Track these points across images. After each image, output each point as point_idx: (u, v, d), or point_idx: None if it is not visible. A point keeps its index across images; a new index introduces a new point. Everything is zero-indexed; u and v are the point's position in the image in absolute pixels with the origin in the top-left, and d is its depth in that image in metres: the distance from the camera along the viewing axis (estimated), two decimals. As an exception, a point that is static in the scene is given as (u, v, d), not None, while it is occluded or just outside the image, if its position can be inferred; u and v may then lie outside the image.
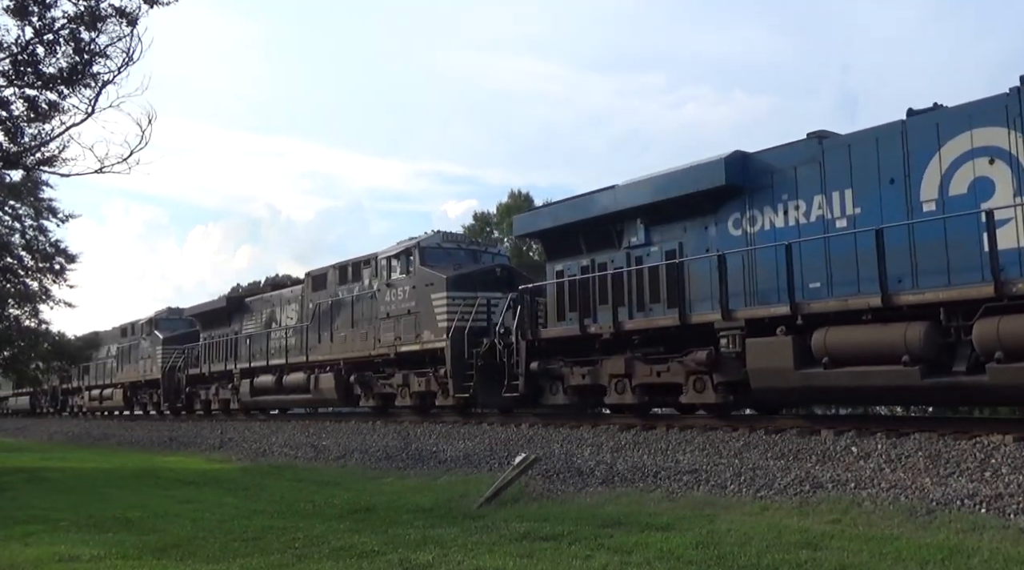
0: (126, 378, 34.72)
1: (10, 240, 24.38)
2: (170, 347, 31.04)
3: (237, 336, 26.60)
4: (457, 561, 7.23)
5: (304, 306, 23.21)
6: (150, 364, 32.41)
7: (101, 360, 37.48)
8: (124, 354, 35.46)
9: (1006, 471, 8.66)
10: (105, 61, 12.42)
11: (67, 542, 8.71)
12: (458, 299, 17.30)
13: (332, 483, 13.92)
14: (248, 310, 26.90)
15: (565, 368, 14.80)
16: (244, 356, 25.75)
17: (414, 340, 18.30)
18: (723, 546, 7.47)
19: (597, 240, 15.00)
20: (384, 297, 19.40)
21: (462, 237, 21.15)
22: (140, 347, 33.78)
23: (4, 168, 16.78)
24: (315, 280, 22.79)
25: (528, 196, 48.79)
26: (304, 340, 22.50)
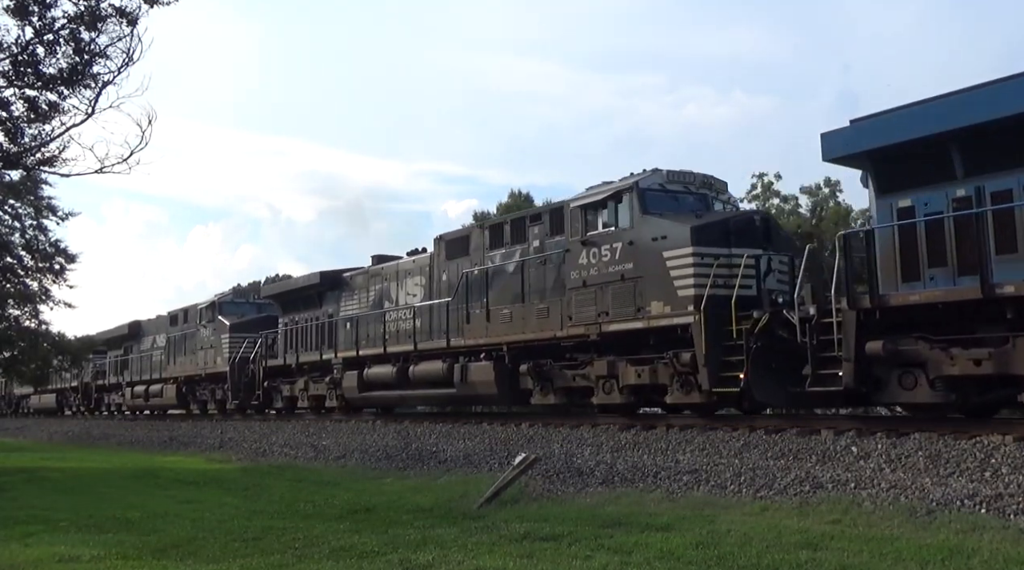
0: (180, 372, 30.26)
1: (10, 240, 24.38)
2: (239, 335, 26.61)
3: (334, 319, 21.80)
4: (457, 561, 7.23)
5: (435, 278, 18.58)
6: (213, 355, 27.94)
7: (145, 352, 33.64)
8: (176, 345, 30.99)
9: (1006, 471, 8.66)
10: (105, 61, 12.44)
11: (67, 542, 8.72)
12: (709, 257, 12.69)
13: (332, 483, 13.93)
14: (347, 287, 21.87)
15: (934, 351, 10.19)
16: (346, 342, 21.00)
17: (634, 315, 13.52)
18: (723, 546, 7.47)
19: (990, 156, 10.09)
20: (578, 259, 14.57)
21: (691, 176, 14.67)
22: (198, 336, 29.21)
23: (4, 168, 16.79)
24: (450, 245, 18.20)
25: (528, 196, 48.79)
26: (442, 320, 17.75)
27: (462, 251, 17.79)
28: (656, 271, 13.22)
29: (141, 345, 34.31)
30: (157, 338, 33.00)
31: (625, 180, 14.24)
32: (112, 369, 36.78)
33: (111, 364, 36.93)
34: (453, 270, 17.84)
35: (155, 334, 33.25)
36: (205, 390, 29.03)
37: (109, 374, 37.05)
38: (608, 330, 14.01)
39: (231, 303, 28.85)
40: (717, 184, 14.90)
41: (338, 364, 21.12)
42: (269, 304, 27.28)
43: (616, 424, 14.06)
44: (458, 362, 17.10)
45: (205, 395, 29.14)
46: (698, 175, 14.67)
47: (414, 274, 19.56)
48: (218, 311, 28.26)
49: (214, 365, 27.83)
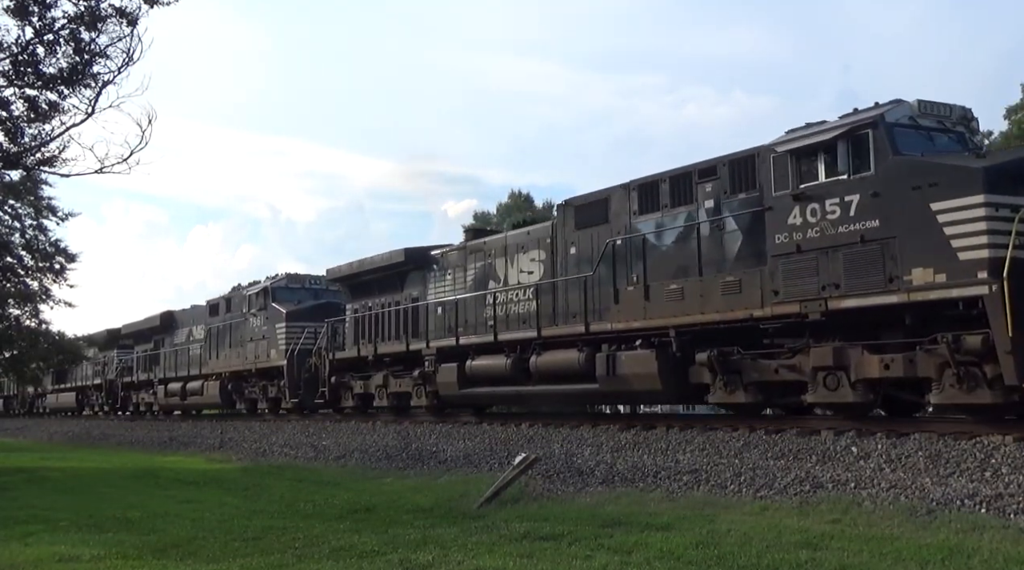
0: (224, 367, 26.93)
1: (10, 240, 24.40)
2: (297, 324, 23.40)
3: (421, 303, 18.94)
4: (457, 561, 7.23)
5: (559, 252, 15.49)
6: (265, 348, 24.56)
7: (180, 346, 30.49)
8: (218, 337, 27.55)
9: (1006, 471, 8.67)
10: (105, 61, 12.47)
11: (67, 542, 8.72)
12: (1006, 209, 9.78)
13: (332, 483, 13.93)
14: (437, 267, 18.98)
15: None
16: (439, 330, 18.07)
17: (883, 286, 10.48)
18: (723, 546, 7.47)
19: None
20: (787, 218, 11.52)
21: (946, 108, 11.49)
22: (247, 326, 25.76)
23: (4, 168, 16.80)
24: (582, 211, 15.07)
25: (528, 196, 48.85)
26: (575, 301, 14.77)
27: (598, 217, 14.58)
28: (921, 229, 10.10)
29: (175, 338, 30.93)
30: (194, 330, 29.65)
31: (859, 114, 11.21)
32: (140, 365, 33.67)
33: (139, 360, 33.75)
34: (585, 241, 14.84)
35: (191, 326, 29.97)
36: (255, 387, 25.66)
37: (137, 370, 33.88)
38: (840, 307, 10.81)
39: (285, 288, 25.02)
40: (975, 121, 11.98)
41: (430, 355, 17.74)
42: (328, 289, 24.51)
43: (616, 424, 14.06)
44: (600, 351, 13.87)
45: (255, 393, 25.74)
46: (956, 108, 11.70)
47: (528, 248, 16.31)
48: (271, 297, 24.67)
49: (266, 359, 24.36)
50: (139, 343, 34.18)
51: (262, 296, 25.26)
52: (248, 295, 25.98)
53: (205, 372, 28.09)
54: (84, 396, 39.67)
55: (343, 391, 21.30)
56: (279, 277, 25.63)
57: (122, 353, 35.45)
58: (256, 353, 25.10)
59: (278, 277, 25.65)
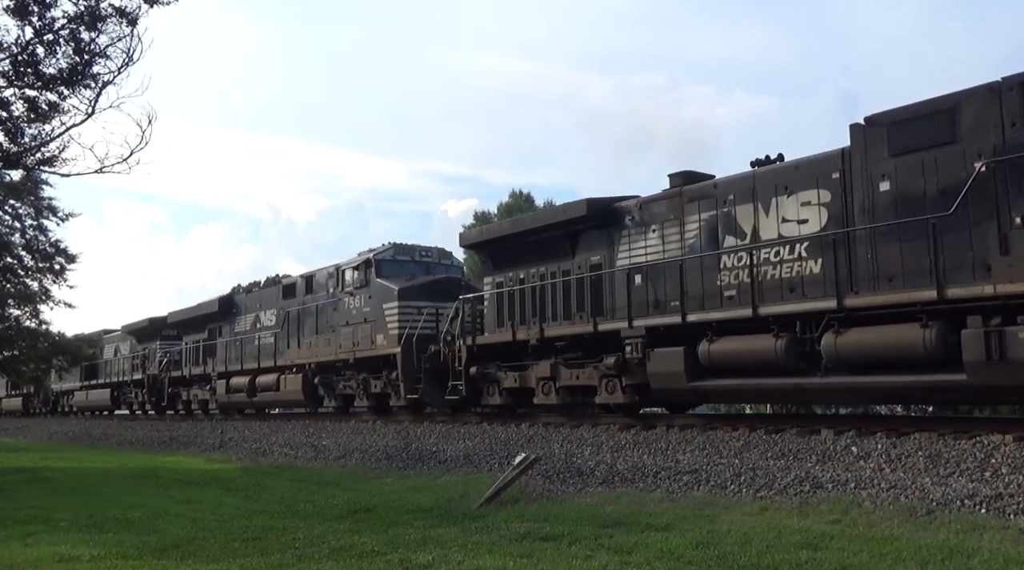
0: (308, 357, 22.39)
1: (10, 240, 24.41)
2: (412, 304, 19.14)
3: (607, 272, 14.79)
4: (457, 561, 7.23)
5: (858, 189, 11.42)
6: (368, 332, 20.02)
7: (244, 334, 25.90)
8: (298, 322, 23.20)
9: (1006, 471, 8.67)
10: (105, 61, 12.45)
11: (67, 542, 8.71)
12: None
13: (332, 483, 13.93)
14: (630, 222, 14.59)
15: None
16: (640, 305, 13.99)
17: None
18: (723, 546, 7.48)
19: None
20: None
21: None
22: (341, 308, 21.22)
23: (4, 168, 16.83)
24: (901, 130, 10.98)
25: (529, 196, 48.79)
26: (934, 250, 10.31)
27: (940, 136, 10.55)
28: None
29: (235, 325, 26.58)
30: (262, 315, 25.23)
31: None
32: (192, 357, 29.35)
33: (190, 351, 29.62)
34: (912, 171, 10.83)
35: (259, 311, 25.54)
36: (351, 381, 21.23)
37: (187, 363, 29.62)
38: None
39: (392, 261, 20.54)
40: None
41: (635, 338, 13.60)
42: (440, 263, 21.06)
43: (616, 424, 14.07)
44: (966, 327, 9.78)
45: (350, 387, 21.27)
46: None
47: (798, 188, 12.18)
48: (375, 272, 20.22)
49: (370, 346, 19.91)
50: (189, 332, 29.97)
51: (362, 271, 20.60)
52: (341, 270, 21.48)
53: (282, 363, 23.44)
54: (120, 393, 35.37)
55: (486, 385, 16.97)
56: (383, 248, 20.92)
57: (166, 344, 31.68)
58: (355, 339, 20.43)
59: (382, 248, 20.92)
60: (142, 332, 33.72)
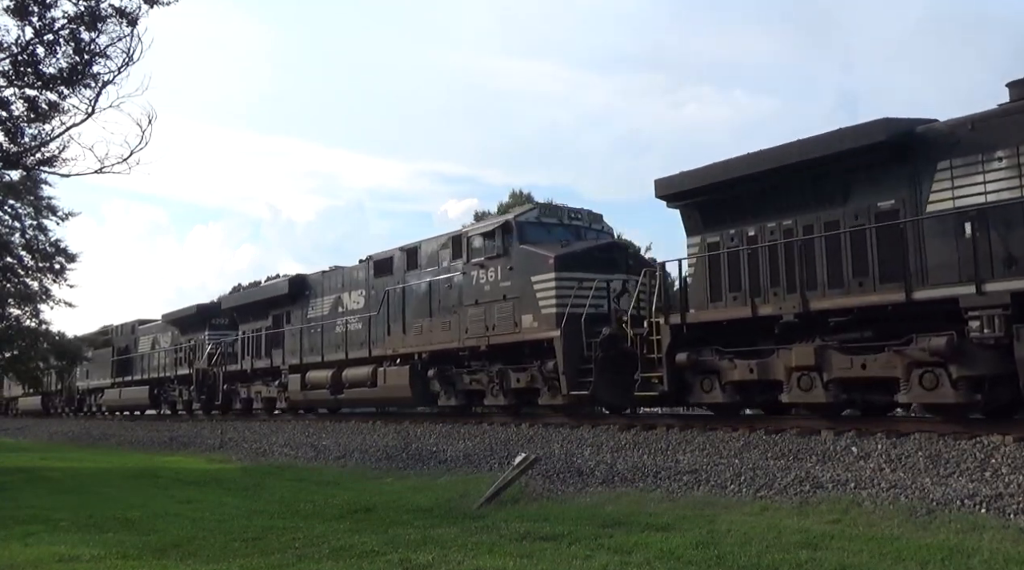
0: (419, 344, 18.24)
1: (10, 240, 24.43)
2: (573, 276, 15.13)
3: (913, 221, 10.98)
4: (457, 561, 7.23)
5: None
6: (509, 312, 16.00)
7: (321, 320, 22.02)
8: (402, 303, 18.95)
9: (1006, 471, 8.67)
10: (105, 61, 12.46)
11: (67, 542, 8.71)
12: None
13: (332, 483, 13.93)
14: (945, 151, 10.79)
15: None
16: (988, 265, 10.16)
17: None
18: (723, 546, 7.47)
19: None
20: None
21: None
22: (466, 283, 17.08)
23: (4, 168, 16.83)
24: None
25: (530, 196, 48.80)
26: None
27: None
28: None
29: (309, 310, 22.69)
30: (346, 297, 21.35)
31: None
32: (251, 348, 25.29)
33: (249, 341, 25.47)
34: None
35: (340, 292, 21.65)
36: (481, 372, 16.91)
37: (247, 355, 25.38)
38: None
39: (537, 225, 16.48)
40: None
41: (987, 310, 9.76)
42: (591, 228, 16.99)
43: (616, 424, 14.06)
44: None
45: (479, 381, 16.97)
46: None
47: None
48: (517, 237, 16.17)
49: (512, 329, 15.88)
50: (247, 320, 25.95)
51: (498, 237, 16.48)
52: (466, 238, 17.33)
53: (379, 353, 19.34)
54: (161, 391, 31.36)
55: (698, 377, 13.00)
56: (526, 209, 17.41)
57: (217, 334, 27.93)
58: (487, 322, 16.43)
59: (524, 209, 17.47)
60: (187, 321, 29.86)
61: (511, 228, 16.31)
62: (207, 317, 28.82)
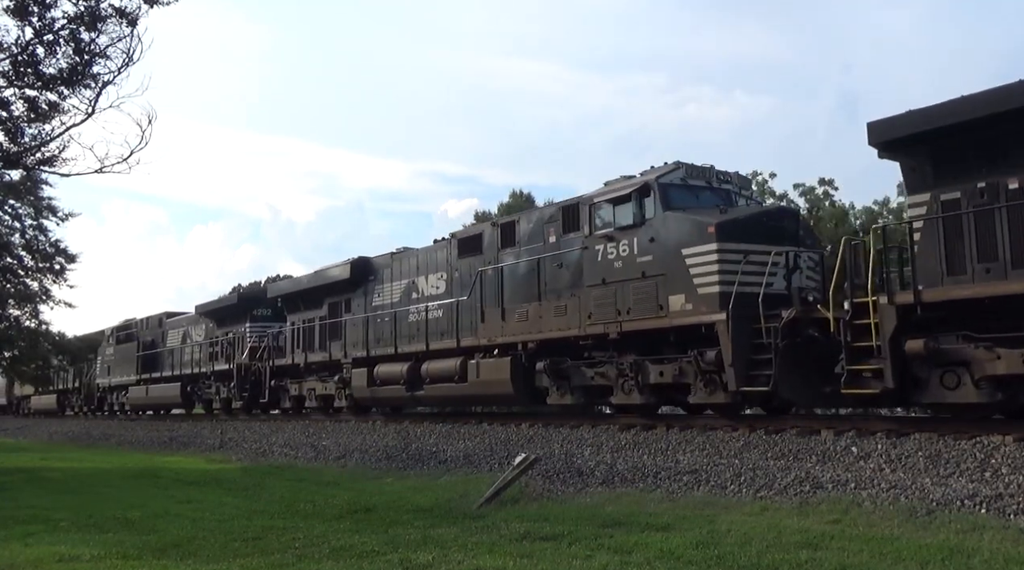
0: (522, 333, 15.45)
1: (10, 240, 24.42)
2: (738, 247, 12.56)
3: None
4: (457, 561, 7.23)
5: None
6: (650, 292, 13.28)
7: (387, 308, 19.59)
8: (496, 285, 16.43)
9: (1006, 471, 8.67)
10: (105, 61, 12.47)
11: (67, 542, 8.71)
12: None
13: (332, 483, 13.93)
14: None
15: None
16: None
17: None
18: (723, 546, 7.47)
19: None
20: None
21: None
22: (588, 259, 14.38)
23: (4, 168, 16.83)
24: None
25: (529, 196, 48.79)
26: None
27: None
28: None
29: (374, 296, 20.27)
30: (422, 281, 18.79)
31: None
32: (303, 340, 22.85)
33: (301, 333, 23.06)
34: None
35: (415, 276, 19.09)
36: (609, 365, 14.13)
37: (296, 348, 23.09)
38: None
39: (683, 188, 13.71)
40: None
41: None
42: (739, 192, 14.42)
43: (616, 424, 14.05)
44: None
45: (605, 376, 14.20)
46: None
47: None
48: (660, 201, 13.33)
49: (656, 312, 13.06)
50: (298, 309, 23.58)
51: (634, 203, 13.62)
52: (589, 206, 14.48)
53: (470, 344, 16.81)
54: (194, 388, 28.96)
55: (937, 371, 10.30)
56: (667, 169, 13.89)
57: (259, 326, 25.67)
58: (620, 304, 13.62)
59: (665, 169, 13.89)
60: (224, 312, 27.63)
61: (651, 191, 13.54)
62: (249, 307, 26.49)
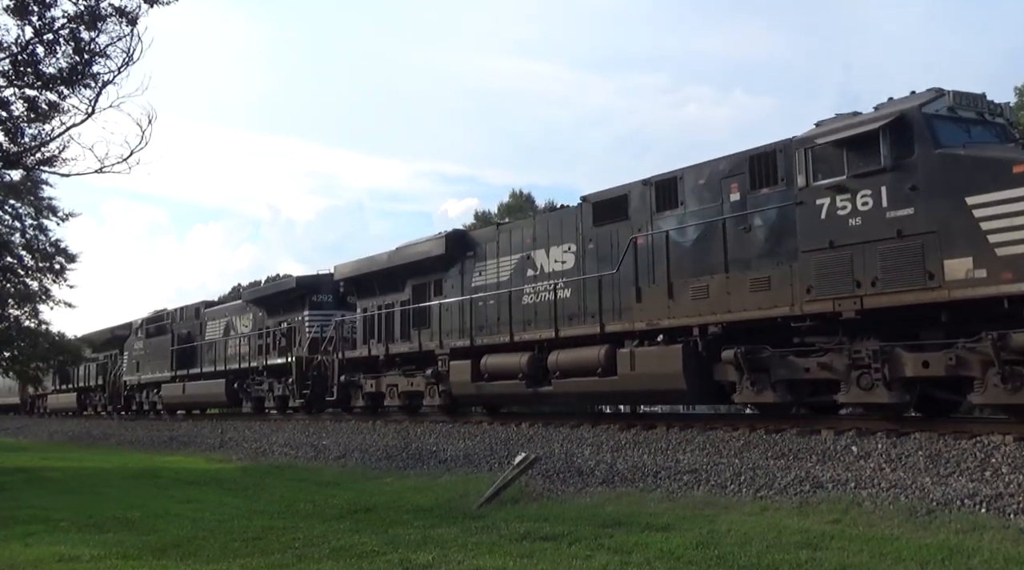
0: (698, 314, 12.59)
1: (10, 240, 24.42)
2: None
3: None
4: (457, 561, 7.23)
5: None
6: (913, 255, 10.14)
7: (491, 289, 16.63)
8: (650, 256, 13.71)
9: (1006, 471, 8.66)
10: (105, 61, 12.47)
11: (67, 542, 8.71)
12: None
13: (332, 483, 13.93)
14: None
15: None
16: None
17: None
18: (723, 546, 7.47)
19: None
20: None
21: None
22: (805, 221, 11.31)
23: (4, 168, 16.83)
24: None
25: (529, 196, 48.85)
26: None
27: None
28: None
29: (475, 276, 17.23)
30: (540, 255, 15.69)
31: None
32: (381, 329, 19.57)
33: (377, 320, 19.73)
34: None
35: (529, 249, 15.96)
36: (825, 354, 11.30)
37: (371, 338, 19.87)
38: None
39: (951, 120, 10.59)
40: None
41: None
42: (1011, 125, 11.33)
43: (616, 424, 14.05)
44: None
45: (824, 367, 11.27)
46: None
47: None
48: (927, 136, 10.22)
49: (919, 283, 10.14)
50: (371, 294, 20.39)
51: (884, 138, 10.51)
52: (811, 146, 11.31)
53: (620, 328, 13.69)
54: (242, 385, 26.03)
55: None
56: (928, 96, 10.74)
57: (319, 315, 22.96)
58: (858, 273, 10.69)
59: (926, 96, 10.73)
60: (277, 300, 24.91)
61: (912, 124, 10.43)
62: (307, 293, 23.44)
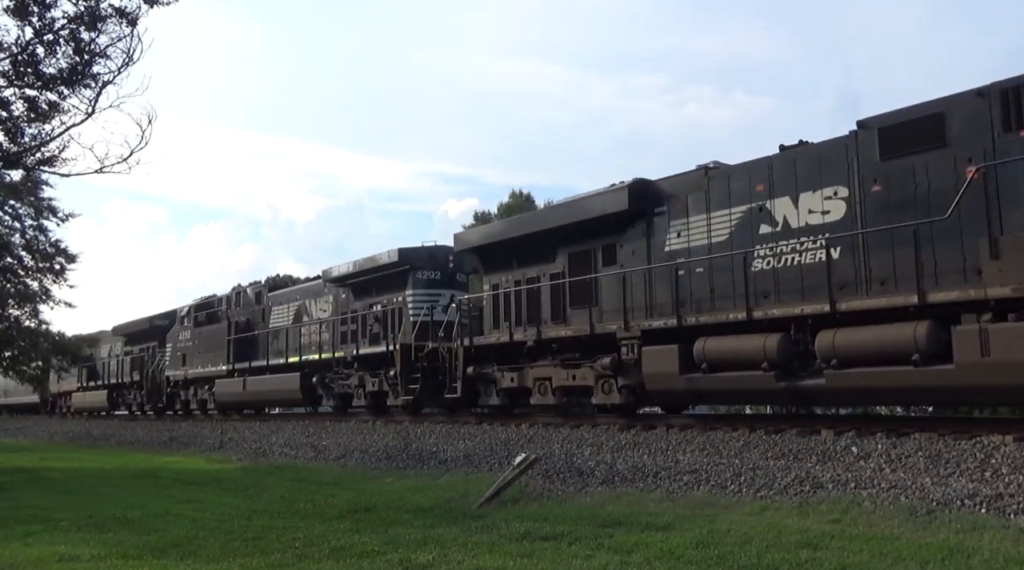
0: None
1: (10, 240, 24.43)
2: None
3: None
4: (457, 561, 7.23)
5: None
6: None
7: (694, 255, 13.13)
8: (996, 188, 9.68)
9: (1006, 471, 8.66)
10: (105, 61, 12.49)
11: (67, 542, 8.71)
12: None
13: (332, 483, 13.92)
14: None
15: None
16: None
17: None
18: (723, 546, 7.47)
19: None
20: None
21: None
22: None
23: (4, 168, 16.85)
24: None
25: (529, 196, 48.79)
26: None
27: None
28: None
29: (664, 236, 13.72)
30: (781, 205, 12.16)
31: None
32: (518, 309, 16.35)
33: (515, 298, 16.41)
34: None
35: (764, 200, 12.37)
36: None
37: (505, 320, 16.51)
38: None
39: None
40: None
41: None
42: None
43: (616, 424, 14.05)
44: None
45: None
46: None
47: None
48: None
49: None
50: (507, 266, 16.82)
51: None
52: None
53: (951, 298, 9.95)
54: (321, 380, 21.74)
55: None
56: None
57: (425, 294, 18.95)
58: None
59: None
60: (368, 279, 20.38)
61: None
62: (409, 270, 19.19)
